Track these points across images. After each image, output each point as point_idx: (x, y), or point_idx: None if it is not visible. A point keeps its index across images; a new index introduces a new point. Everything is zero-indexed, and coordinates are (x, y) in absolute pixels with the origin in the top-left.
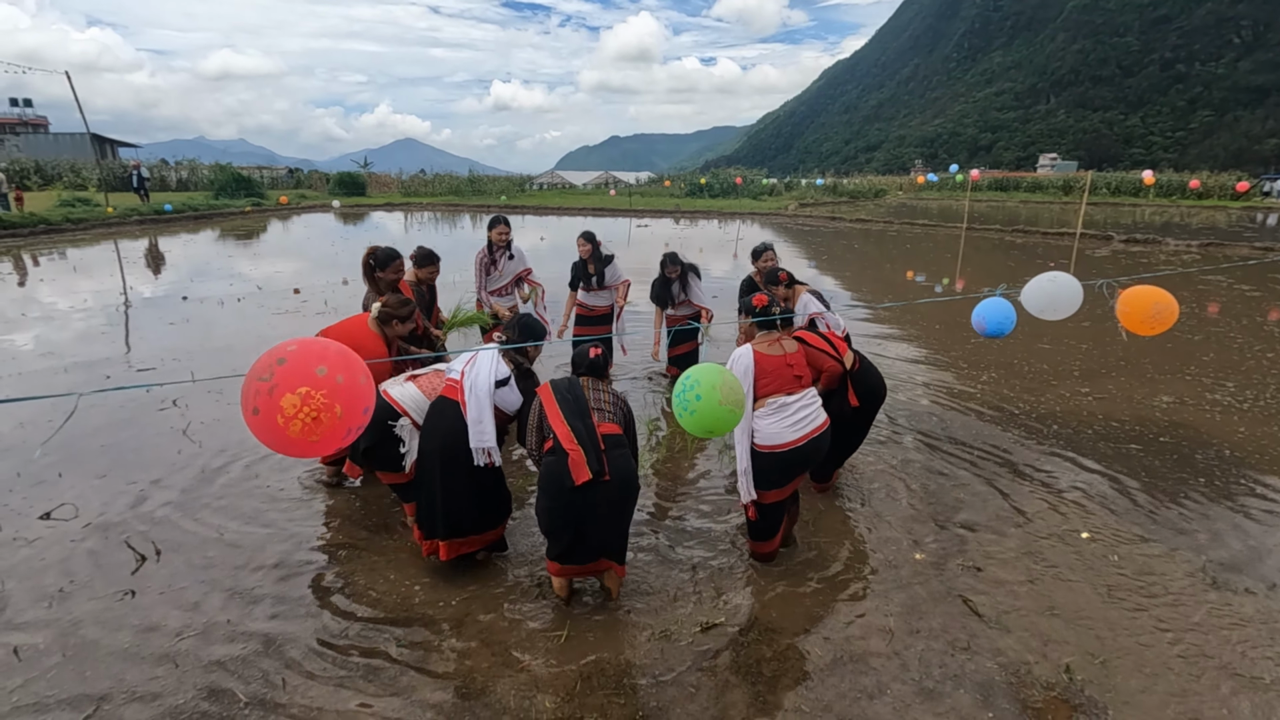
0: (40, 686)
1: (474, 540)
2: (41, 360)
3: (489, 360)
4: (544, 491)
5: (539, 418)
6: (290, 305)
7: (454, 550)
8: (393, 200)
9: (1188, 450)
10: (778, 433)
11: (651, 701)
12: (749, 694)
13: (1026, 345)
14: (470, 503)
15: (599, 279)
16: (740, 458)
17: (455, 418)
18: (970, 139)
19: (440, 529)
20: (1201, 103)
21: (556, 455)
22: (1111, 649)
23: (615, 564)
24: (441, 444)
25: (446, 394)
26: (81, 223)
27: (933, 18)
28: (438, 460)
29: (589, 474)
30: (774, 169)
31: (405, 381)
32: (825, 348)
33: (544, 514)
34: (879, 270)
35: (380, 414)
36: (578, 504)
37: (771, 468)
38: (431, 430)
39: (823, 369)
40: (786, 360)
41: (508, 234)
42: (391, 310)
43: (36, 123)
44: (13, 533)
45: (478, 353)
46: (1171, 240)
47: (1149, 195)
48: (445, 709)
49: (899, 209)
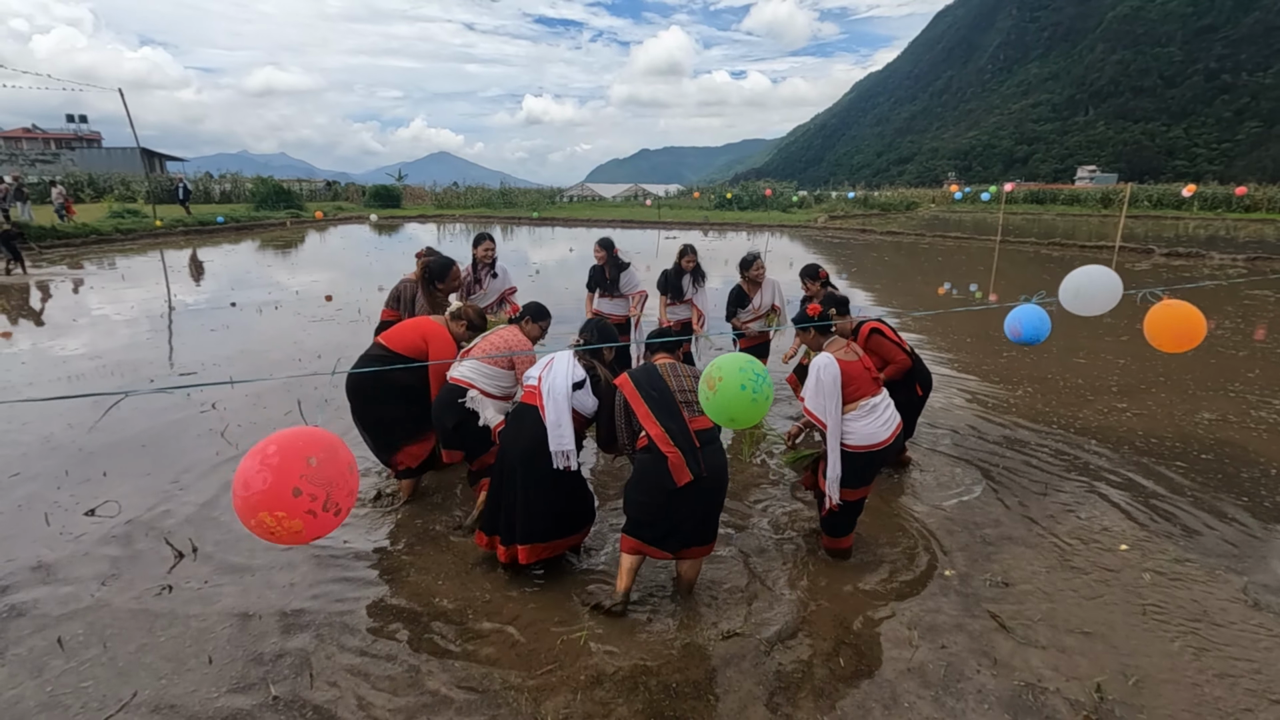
0: (79, 677)
1: (556, 545)
2: (89, 363)
3: (565, 364)
4: (639, 488)
5: (625, 414)
6: (325, 313)
7: (535, 555)
8: (426, 212)
9: (1232, 469)
10: (874, 432)
11: (667, 710)
12: (767, 705)
13: (1062, 359)
14: (553, 507)
15: (614, 284)
16: (832, 466)
17: (535, 422)
18: (1006, 151)
19: (520, 533)
20: (1249, 113)
21: (653, 455)
22: (1145, 669)
23: (703, 546)
24: (524, 449)
25: (525, 400)
26: (130, 233)
27: (967, 29)
28: (519, 465)
29: (690, 476)
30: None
31: (461, 360)
32: (900, 342)
33: (636, 507)
34: (910, 283)
35: (449, 395)
36: (677, 500)
37: (863, 466)
38: (513, 436)
39: (892, 361)
40: (864, 364)
41: (493, 251)
42: (474, 320)
43: (90, 138)
44: (59, 528)
45: (554, 356)
46: (1216, 254)
47: (1193, 208)
48: (457, 703)
49: (931, 221)
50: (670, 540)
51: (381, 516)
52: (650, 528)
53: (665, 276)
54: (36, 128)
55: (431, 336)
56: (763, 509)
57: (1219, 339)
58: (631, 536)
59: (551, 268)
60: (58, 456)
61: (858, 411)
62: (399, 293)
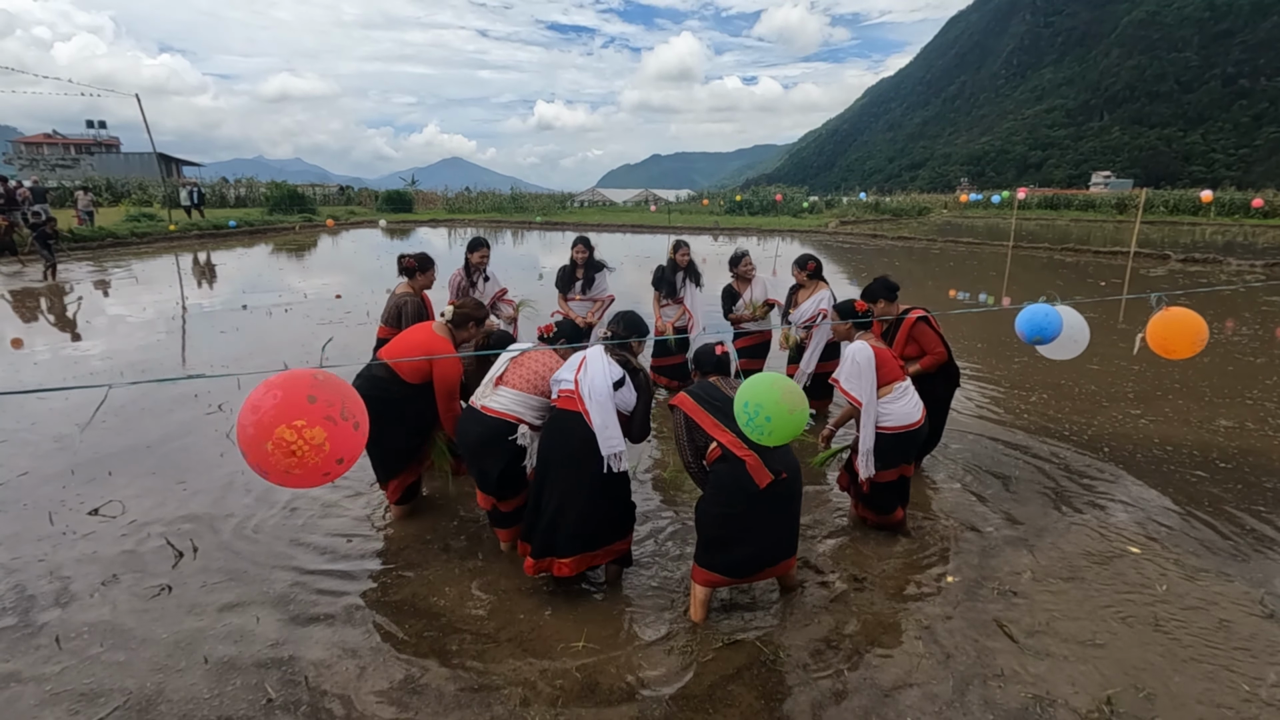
0: (77, 675)
1: (602, 553)
2: (102, 363)
3: (600, 363)
4: (717, 501)
5: (687, 430)
6: (334, 315)
7: (581, 565)
8: (438, 217)
9: (1253, 478)
10: (909, 412)
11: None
12: (765, 716)
13: (1076, 366)
14: (601, 512)
15: (586, 285)
16: (865, 439)
17: (579, 426)
18: (1019, 157)
19: (564, 546)
20: (1268, 119)
21: (729, 462)
22: (1157, 681)
23: (789, 559)
24: (567, 456)
25: (563, 405)
26: (145, 236)
27: (980, 34)
28: (563, 475)
29: (770, 475)
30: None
31: (496, 389)
32: (942, 335)
33: (715, 522)
34: (921, 288)
35: (497, 432)
36: (760, 507)
37: (900, 445)
38: (554, 445)
39: (930, 353)
40: (891, 352)
41: (488, 258)
42: (469, 311)
43: (109, 143)
44: (63, 527)
45: (585, 357)
46: (1234, 260)
47: (1210, 214)
48: (453, 706)
49: (943, 227)
50: (750, 563)
51: (380, 525)
52: (726, 550)
53: (660, 272)
54: (57, 133)
55: (438, 364)
56: None
57: (1236, 345)
58: (706, 569)
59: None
60: (65, 456)
61: (892, 394)
62: (399, 308)
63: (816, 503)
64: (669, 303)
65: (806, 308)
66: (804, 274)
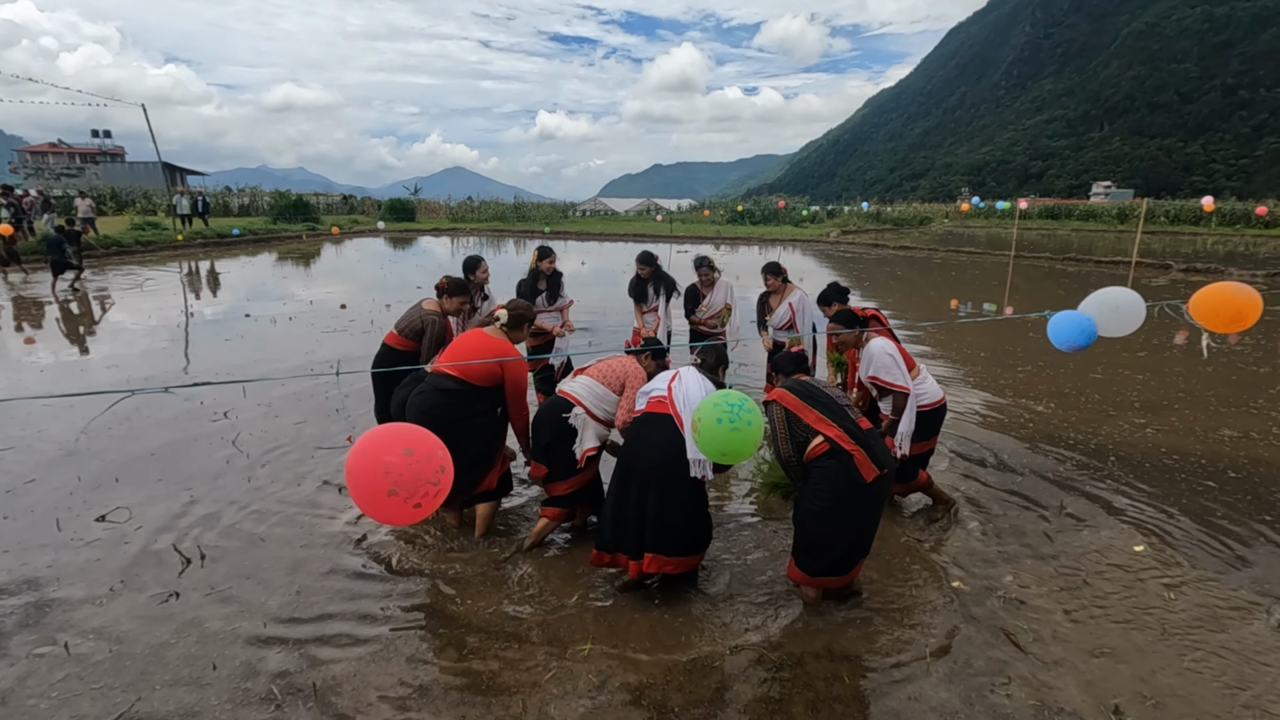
0: (84, 683)
1: (679, 561)
2: (107, 371)
3: (696, 379)
4: (823, 496)
5: (787, 425)
6: (338, 324)
7: (655, 566)
8: (440, 226)
9: (1262, 488)
10: (934, 390)
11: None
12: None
13: (1079, 374)
14: (683, 519)
15: (550, 297)
16: (907, 420)
17: (671, 431)
18: (1020, 167)
19: (646, 542)
20: (1268, 129)
21: (837, 457)
22: (1165, 690)
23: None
24: (659, 457)
25: (654, 409)
26: (151, 245)
27: (980, 45)
28: (654, 474)
29: (877, 470)
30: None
31: (576, 376)
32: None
33: (820, 519)
34: (924, 298)
35: (555, 408)
36: (865, 500)
37: (928, 423)
38: (644, 443)
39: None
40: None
41: (488, 273)
42: (523, 313)
43: (114, 152)
44: (70, 534)
45: (678, 372)
46: (1235, 270)
47: (1211, 224)
48: (462, 710)
49: (945, 236)
50: (847, 561)
51: (388, 530)
52: (830, 548)
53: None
54: (62, 142)
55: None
56: (769, 522)
57: (1240, 355)
58: (813, 575)
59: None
60: (72, 463)
61: (920, 376)
62: (424, 327)
63: None
64: (649, 310)
65: (782, 311)
66: (777, 279)
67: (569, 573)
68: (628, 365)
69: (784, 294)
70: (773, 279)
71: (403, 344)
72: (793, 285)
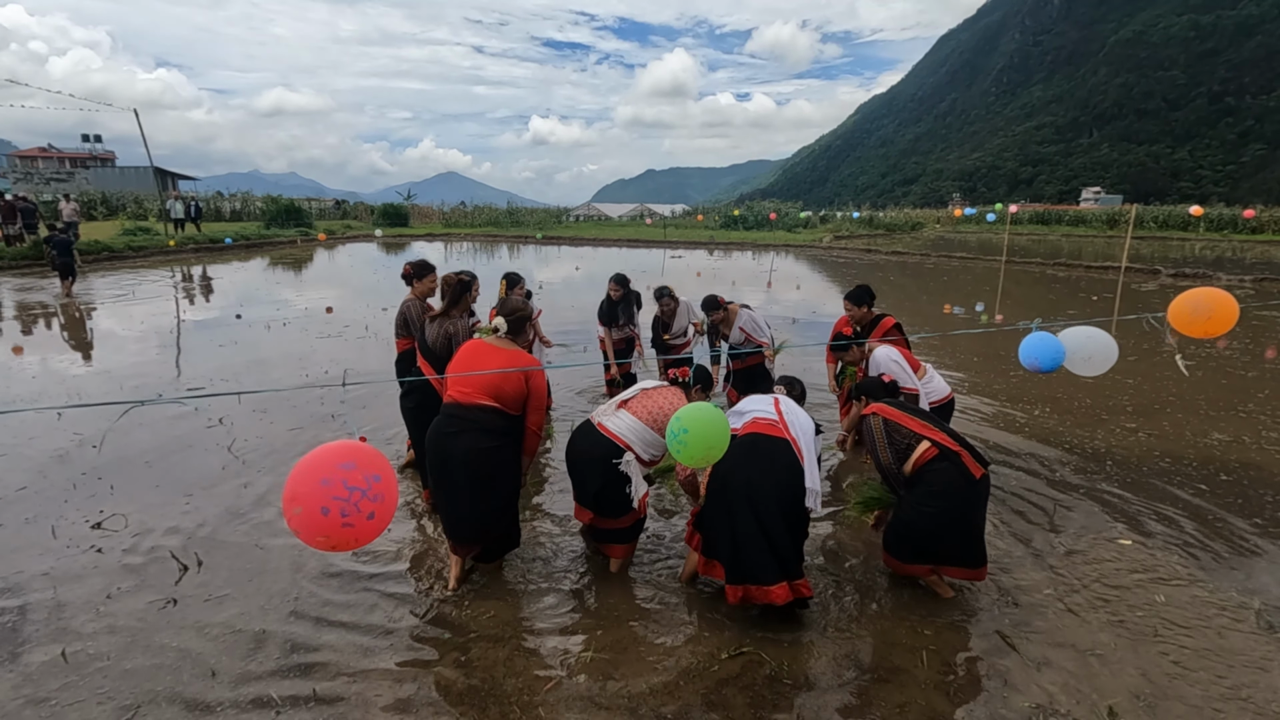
0: (81, 691)
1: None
2: (98, 378)
3: (799, 409)
4: (939, 496)
5: (886, 435)
6: (332, 329)
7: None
8: (434, 231)
9: (1253, 491)
10: (942, 387)
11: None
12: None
13: (1070, 379)
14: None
15: None
16: None
17: (786, 452)
18: (1010, 173)
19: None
20: (1253, 136)
21: (948, 459)
22: (1157, 692)
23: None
24: (779, 485)
25: (769, 432)
26: (142, 250)
27: (970, 53)
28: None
29: (982, 468)
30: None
31: (618, 410)
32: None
33: (930, 518)
34: (916, 303)
35: (607, 451)
36: (972, 499)
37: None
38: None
39: None
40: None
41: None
42: (524, 313)
43: (105, 157)
44: (66, 541)
45: (777, 399)
46: (1224, 275)
47: (1199, 229)
48: (454, 707)
49: (936, 242)
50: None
51: (388, 535)
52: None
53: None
54: (52, 147)
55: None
56: None
57: (1228, 359)
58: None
59: (557, 286)
60: (66, 470)
61: (926, 376)
62: (405, 315)
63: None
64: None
65: (735, 335)
66: (719, 312)
67: (570, 580)
68: (668, 404)
69: (731, 319)
70: (716, 313)
71: (405, 344)
72: (735, 307)
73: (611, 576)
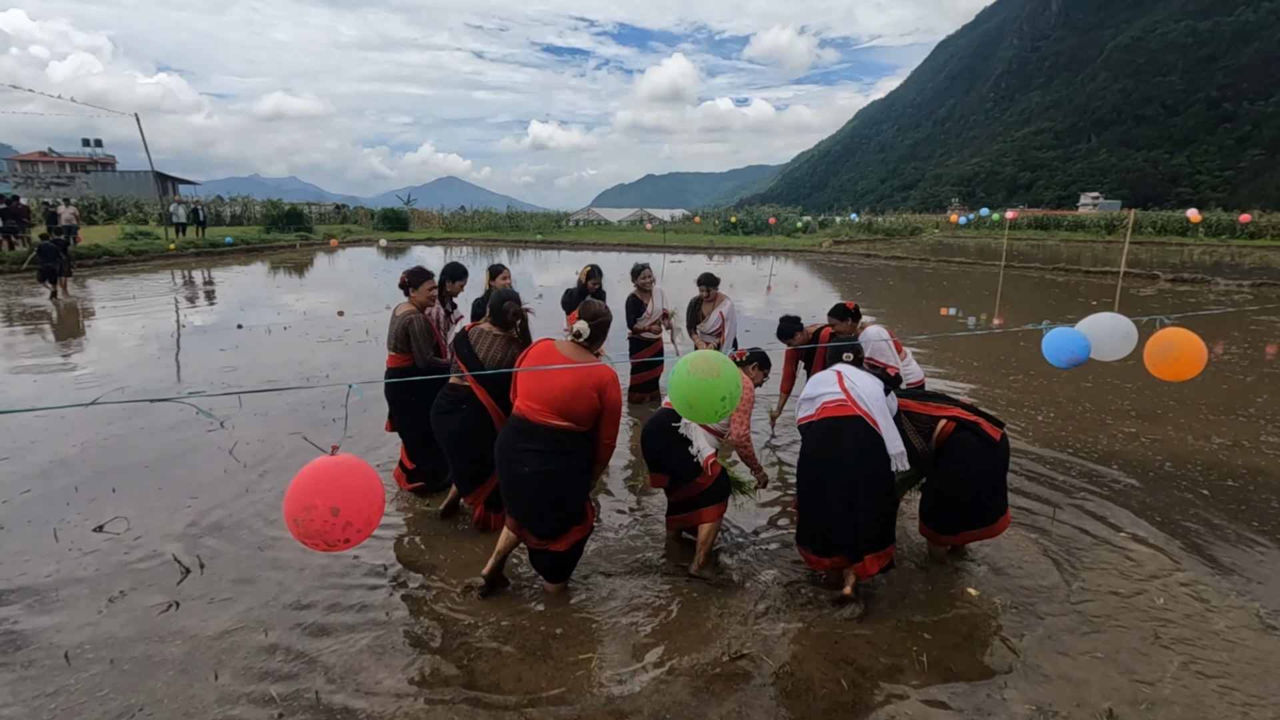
0: (82, 694)
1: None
2: (98, 382)
3: (862, 373)
4: (959, 466)
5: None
6: (333, 333)
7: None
8: (434, 235)
9: (1256, 494)
10: (916, 371)
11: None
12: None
13: (1072, 383)
14: (889, 513)
15: None
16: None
17: (866, 433)
18: (1009, 178)
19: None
20: (1251, 141)
21: (967, 429)
22: (1157, 695)
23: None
24: (859, 462)
25: (839, 413)
26: (142, 254)
27: (969, 58)
28: (861, 476)
29: (997, 429)
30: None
31: None
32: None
33: (964, 485)
34: (915, 307)
35: (665, 418)
36: (997, 461)
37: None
38: (840, 448)
39: None
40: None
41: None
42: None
43: (105, 161)
44: (68, 544)
45: (840, 371)
46: (1222, 280)
47: (1198, 234)
48: (456, 710)
49: (936, 247)
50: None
51: (390, 539)
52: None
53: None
54: (53, 151)
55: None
56: (769, 528)
57: (1227, 364)
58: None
59: (557, 290)
60: (68, 474)
61: (906, 359)
62: (406, 329)
63: None
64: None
65: (713, 319)
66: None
67: (572, 581)
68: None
69: (716, 303)
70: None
71: (398, 360)
72: (724, 295)
73: (612, 577)
